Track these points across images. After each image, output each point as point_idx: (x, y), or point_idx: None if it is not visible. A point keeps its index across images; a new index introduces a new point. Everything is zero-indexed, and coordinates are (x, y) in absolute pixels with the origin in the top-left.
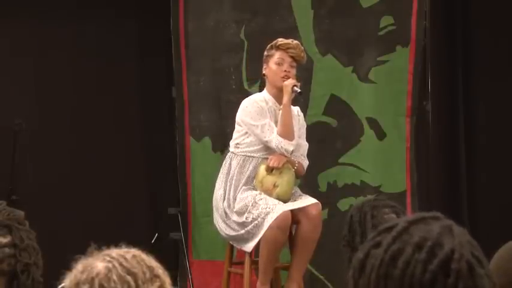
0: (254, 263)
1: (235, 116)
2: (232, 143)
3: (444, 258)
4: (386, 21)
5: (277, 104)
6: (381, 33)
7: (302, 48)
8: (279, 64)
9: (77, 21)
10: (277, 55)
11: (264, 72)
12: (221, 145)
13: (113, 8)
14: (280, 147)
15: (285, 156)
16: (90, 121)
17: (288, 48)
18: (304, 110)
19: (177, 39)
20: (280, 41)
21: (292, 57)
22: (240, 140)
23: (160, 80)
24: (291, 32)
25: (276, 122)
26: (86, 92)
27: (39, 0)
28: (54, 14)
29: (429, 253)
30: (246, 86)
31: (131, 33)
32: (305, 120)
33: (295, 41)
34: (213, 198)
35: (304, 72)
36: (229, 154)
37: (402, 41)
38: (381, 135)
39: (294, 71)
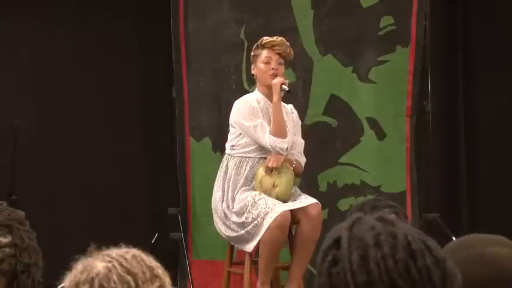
0: (254, 263)
1: None
2: (227, 145)
3: (404, 243)
4: (386, 21)
5: (269, 102)
6: (381, 33)
7: (287, 44)
8: (266, 63)
9: (76, 21)
10: (264, 54)
11: (252, 72)
12: (221, 145)
13: (113, 8)
14: (274, 146)
15: (282, 156)
16: (90, 121)
17: (274, 45)
18: (304, 110)
19: (177, 39)
20: (265, 39)
21: (278, 54)
22: (235, 142)
23: (160, 80)
24: (291, 32)
25: (269, 121)
26: (85, 92)
27: (38, 1)
28: (54, 14)
29: (390, 245)
30: (246, 86)
31: (131, 34)
32: (305, 120)
33: (280, 38)
34: (212, 201)
35: (304, 72)
36: (225, 156)
37: (402, 41)
38: (381, 135)
39: (282, 68)
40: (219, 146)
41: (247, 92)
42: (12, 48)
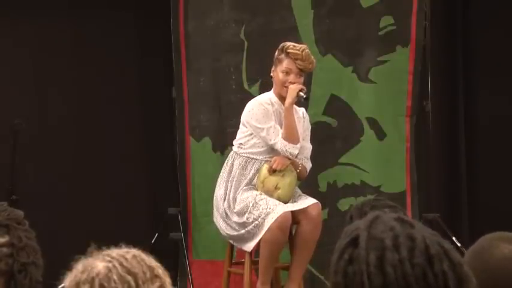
0: (254, 263)
1: (235, 116)
2: (235, 143)
3: (423, 248)
4: (386, 21)
5: (282, 106)
6: (381, 33)
7: (311, 59)
8: (285, 73)
9: (77, 21)
10: (285, 63)
11: (271, 74)
12: (221, 145)
13: (113, 8)
14: (285, 150)
15: (289, 159)
16: (90, 121)
17: (296, 59)
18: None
19: (177, 39)
20: (292, 48)
21: (300, 68)
22: (244, 141)
23: (160, 80)
24: (291, 32)
25: (281, 124)
26: (85, 92)
27: (39, 0)
28: (54, 14)
29: (408, 248)
30: (246, 86)
31: (131, 34)
32: None
33: (306, 50)
34: (214, 197)
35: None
36: (231, 153)
37: (402, 41)
38: (381, 135)
39: (300, 80)
40: (219, 146)
41: (247, 92)
42: (12, 48)
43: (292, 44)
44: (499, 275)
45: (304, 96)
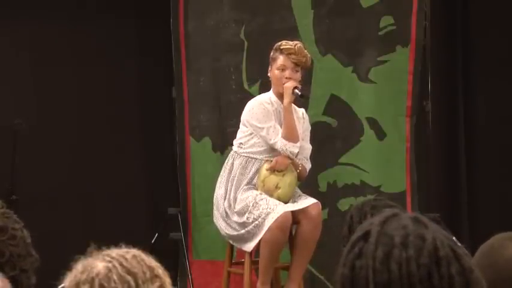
0: (254, 263)
1: (235, 116)
2: (235, 142)
3: (431, 249)
4: (386, 21)
5: (282, 106)
6: (381, 33)
7: (305, 52)
8: (281, 70)
9: (76, 21)
10: (279, 60)
11: (268, 74)
12: (221, 145)
13: (113, 8)
14: (285, 149)
15: (290, 159)
16: (90, 121)
17: (290, 54)
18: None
19: (177, 39)
20: (284, 44)
21: (294, 63)
22: (244, 140)
23: (160, 80)
24: (291, 32)
25: (281, 124)
26: (85, 92)
27: (39, 1)
28: (54, 14)
29: (416, 248)
30: (246, 86)
31: (131, 34)
32: None
33: (298, 45)
34: (214, 196)
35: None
36: (232, 153)
37: (402, 41)
38: (381, 135)
39: (297, 75)
40: (219, 146)
41: (247, 92)
42: (12, 48)
43: (285, 41)
44: (507, 276)
45: (299, 93)
